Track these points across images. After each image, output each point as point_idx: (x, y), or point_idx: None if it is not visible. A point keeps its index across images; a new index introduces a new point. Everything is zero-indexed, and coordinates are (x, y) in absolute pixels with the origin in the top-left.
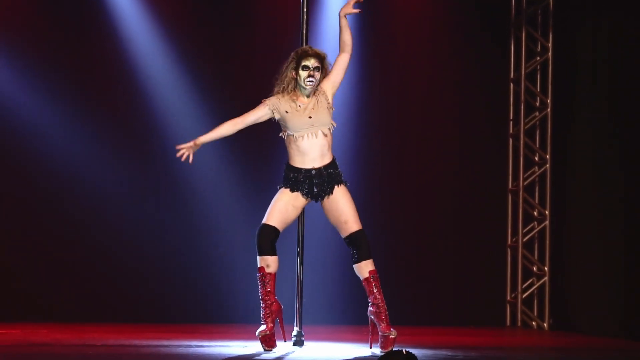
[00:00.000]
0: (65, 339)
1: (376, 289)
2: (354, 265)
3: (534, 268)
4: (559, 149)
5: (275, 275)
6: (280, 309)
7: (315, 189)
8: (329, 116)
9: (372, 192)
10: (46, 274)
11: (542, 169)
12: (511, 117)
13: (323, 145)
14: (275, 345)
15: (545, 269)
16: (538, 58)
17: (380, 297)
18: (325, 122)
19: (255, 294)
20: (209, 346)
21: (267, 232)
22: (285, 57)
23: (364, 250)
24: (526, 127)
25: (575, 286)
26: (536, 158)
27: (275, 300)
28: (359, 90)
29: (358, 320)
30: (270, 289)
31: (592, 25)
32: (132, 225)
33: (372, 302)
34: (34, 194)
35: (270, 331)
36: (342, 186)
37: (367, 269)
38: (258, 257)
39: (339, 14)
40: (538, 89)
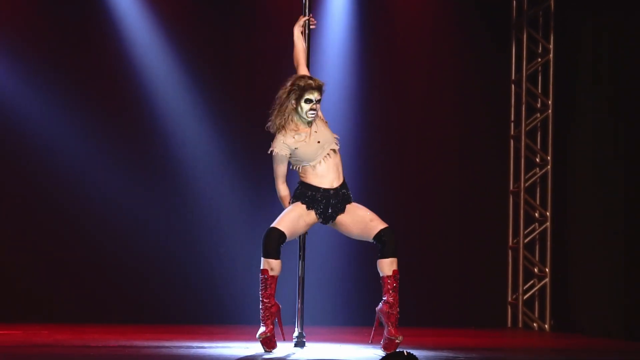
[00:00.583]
0: (66, 340)
1: (394, 290)
2: (379, 260)
3: (535, 269)
4: (559, 151)
5: (277, 278)
6: (279, 309)
7: (329, 210)
8: (330, 130)
9: (373, 193)
10: (47, 274)
11: (543, 171)
12: (512, 119)
13: (337, 164)
14: (276, 346)
15: (547, 270)
16: (539, 59)
17: (395, 299)
18: (331, 139)
19: (256, 295)
20: (209, 347)
21: (276, 236)
22: (285, 58)
23: (391, 247)
24: (527, 128)
25: (576, 287)
26: (537, 159)
27: (274, 302)
28: (360, 91)
29: (360, 321)
30: (271, 291)
31: (593, 27)
32: (133, 226)
33: (386, 299)
34: (35, 195)
35: (270, 333)
36: (352, 203)
37: (391, 267)
38: (263, 259)
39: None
40: (539, 91)
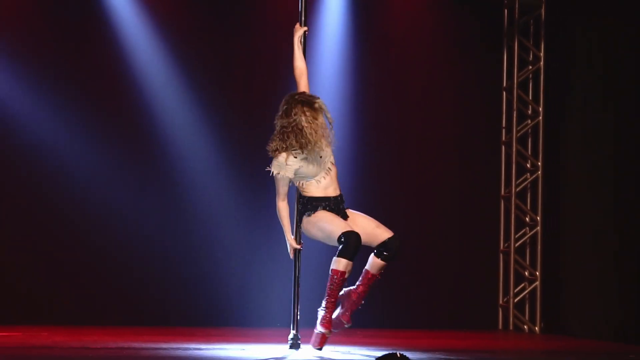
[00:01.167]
0: (65, 342)
1: (370, 286)
2: (375, 257)
3: (526, 273)
4: (550, 157)
5: None
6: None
7: (340, 215)
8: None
9: (367, 196)
10: (46, 276)
11: (534, 176)
12: (504, 125)
13: (336, 173)
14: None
15: (537, 273)
16: (530, 67)
17: (365, 294)
18: (329, 152)
19: (254, 297)
20: (207, 349)
21: (359, 238)
22: (285, 59)
23: (393, 257)
24: (518, 134)
25: (566, 290)
26: (528, 165)
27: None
28: (356, 95)
29: (354, 323)
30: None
31: (584, 35)
32: (132, 229)
33: (359, 290)
34: (34, 196)
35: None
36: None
37: (380, 270)
38: (343, 260)
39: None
40: (530, 98)
